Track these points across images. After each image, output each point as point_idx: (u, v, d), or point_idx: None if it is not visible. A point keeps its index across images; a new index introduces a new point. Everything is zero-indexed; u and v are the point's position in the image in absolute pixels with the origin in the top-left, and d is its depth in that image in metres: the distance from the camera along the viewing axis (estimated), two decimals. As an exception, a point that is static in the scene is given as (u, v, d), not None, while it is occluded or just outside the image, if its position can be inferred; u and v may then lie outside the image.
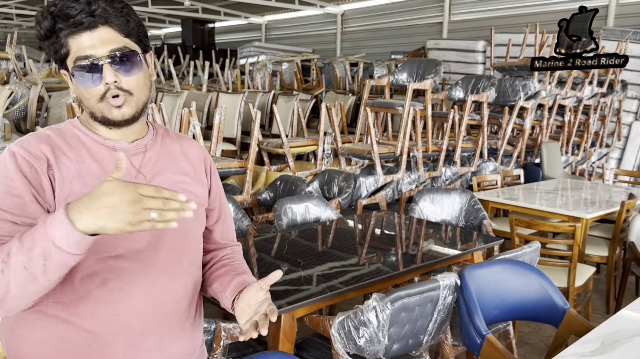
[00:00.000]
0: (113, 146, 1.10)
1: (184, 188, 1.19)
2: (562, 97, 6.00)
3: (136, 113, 1.09)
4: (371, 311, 1.78)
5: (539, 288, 2.12)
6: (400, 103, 4.63)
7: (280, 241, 2.70)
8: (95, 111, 1.06)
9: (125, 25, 1.05)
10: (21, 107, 5.02)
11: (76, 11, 1.00)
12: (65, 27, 1.01)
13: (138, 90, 1.07)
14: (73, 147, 1.07)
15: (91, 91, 1.04)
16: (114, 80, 1.03)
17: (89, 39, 1.02)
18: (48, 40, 1.04)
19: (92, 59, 1.02)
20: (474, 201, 3.43)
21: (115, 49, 1.03)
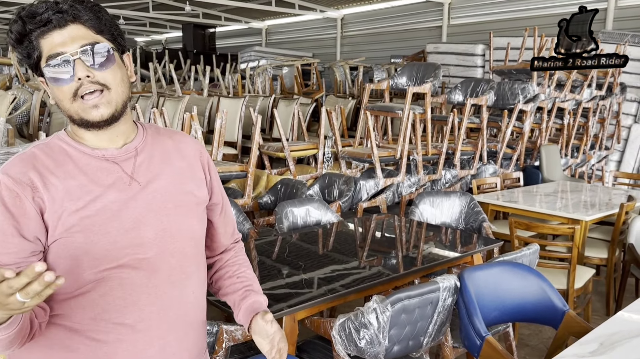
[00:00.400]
0: (102, 155, 1.07)
1: (182, 189, 1.15)
2: (561, 100, 6.03)
3: (115, 112, 1.03)
4: (372, 313, 1.80)
5: (538, 289, 2.14)
6: (400, 107, 4.65)
7: (281, 244, 2.72)
8: (71, 113, 1.02)
9: (96, 22, 1.02)
10: (24, 113, 5.05)
11: (43, 9, 0.98)
12: (35, 27, 0.98)
13: (115, 85, 1.02)
14: (60, 164, 1.03)
15: (63, 89, 1.00)
16: (86, 74, 0.99)
17: (58, 36, 0.99)
18: (21, 46, 1.01)
19: (63, 55, 0.98)
20: (474, 204, 3.45)
21: (86, 43, 1.00)
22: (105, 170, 1.05)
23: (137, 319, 1.07)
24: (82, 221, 1.00)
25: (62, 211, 1.00)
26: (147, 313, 1.08)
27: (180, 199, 1.13)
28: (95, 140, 1.07)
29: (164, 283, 1.10)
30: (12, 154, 2.99)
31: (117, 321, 1.06)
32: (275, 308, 1.90)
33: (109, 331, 1.05)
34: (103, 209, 1.02)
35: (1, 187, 0.99)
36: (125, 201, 1.05)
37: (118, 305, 1.05)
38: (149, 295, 1.08)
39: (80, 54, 0.99)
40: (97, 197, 1.02)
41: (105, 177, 1.05)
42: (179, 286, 1.13)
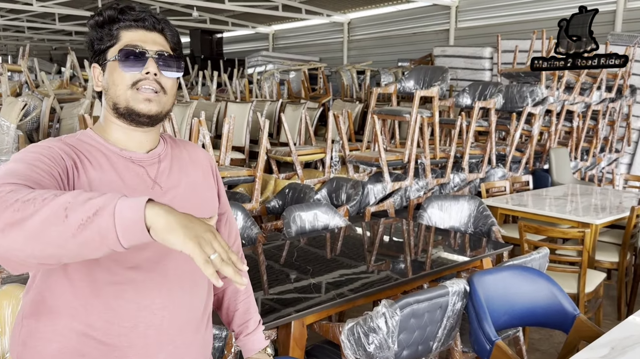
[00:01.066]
0: (130, 157, 1.11)
1: (199, 198, 1.20)
2: (570, 102, 5.99)
3: (160, 115, 1.10)
4: (380, 318, 1.79)
5: (548, 293, 2.12)
6: (407, 110, 4.65)
7: (289, 249, 2.72)
8: (120, 100, 1.07)
9: (175, 41, 1.15)
10: (34, 119, 5.10)
11: (141, 9, 1.10)
12: (126, 19, 1.08)
13: (170, 93, 1.11)
14: (93, 156, 1.07)
15: (126, 75, 1.06)
16: (154, 72, 1.07)
17: (143, 35, 1.09)
18: (100, 29, 1.09)
19: (142, 49, 1.07)
20: (483, 208, 3.43)
21: (164, 50, 1.10)
22: (132, 171, 1.10)
23: (149, 324, 1.08)
24: None
25: None
26: (159, 317, 1.09)
27: (196, 207, 1.15)
28: (124, 140, 1.11)
29: (176, 288, 1.12)
30: (22, 160, 3.01)
31: (129, 325, 1.06)
32: (284, 313, 1.90)
33: (120, 335, 1.06)
34: None
35: (51, 144, 1.03)
36: None
37: (131, 309, 1.06)
38: (161, 299, 1.09)
39: (157, 55, 1.08)
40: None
41: (131, 177, 1.09)
42: (190, 292, 1.15)
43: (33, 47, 18.91)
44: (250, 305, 1.43)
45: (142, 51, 1.07)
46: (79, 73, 7.80)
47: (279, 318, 1.87)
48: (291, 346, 1.94)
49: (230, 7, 10.90)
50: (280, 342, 1.98)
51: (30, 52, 7.72)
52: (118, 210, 0.78)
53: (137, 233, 0.79)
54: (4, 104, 3.85)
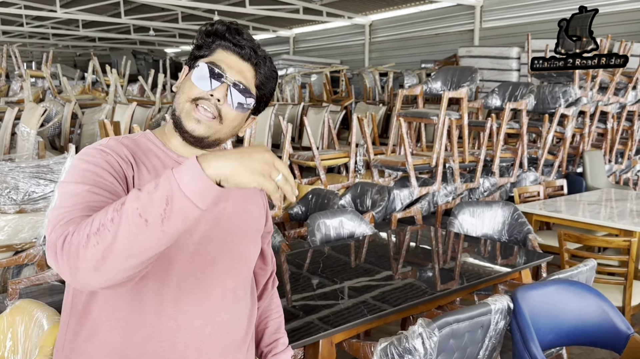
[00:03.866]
0: None
1: (246, 214, 1.17)
2: (604, 103, 5.74)
3: (207, 138, 1.06)
4: (417, 338, 1.65)
5: (598, 310, 1.95)
6: (434, 112, 4.48)
7: (315, 258, 2.59)
8: (178, 109, 1.06)
9: (265, 79, 1.11)
10: (56, 124, 5.09)
11: (245, 39, 1.08)
12: (228, 40, 1.08)
13: (227, 124, 1.07)
14: (149, 159, 1.06)
15: (193, 88, 1.04)
16: (218, 97, 1.04)
17: (233, 60, 1.07)
18: (205, 38, 1.09)
19: (222, 71, 1.05)
20: (518, 214, 3.26)
21: (243, 83, 1.07)
22: None
23: (188, 344, 1.04)
24: None
25: None
26: (199, 336, 1.05)
27: (244, 222, 1.15)
28: (180, 149, 1.10)
29: (218, 307, 1.08)
30: (42, 166, 2.96)
31: (167, 344, 1.03)
32: (311, 330, 1.77)
33: (158, 354, 1.02)
34: None
35: (104, 149, 1.02)
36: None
37: (171, 327, 1.03)
38: (202, 319, 1.06)
39: (232, 84, 1.05)
40: None
41: None
42: (232, 310, 1.12)
43: (57, 53, 19.25)
44: (281, 325, 1.39)
45: (220, 73, 1.05)
46: (101, 79, 7.83)
47: (305, 336, 1.74)
48: (319, 366, 1.80)
49: (251, 10, 10.86)
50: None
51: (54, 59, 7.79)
52: (185, 187, 0.78)
53: (212, 194, 0.81)
54: (25, 110, 3.83)
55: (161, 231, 0.79)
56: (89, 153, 1.01)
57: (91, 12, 12.20)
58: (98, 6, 11.74)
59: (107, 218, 0.79)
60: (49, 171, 2.78)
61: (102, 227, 0.79)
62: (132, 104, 4.32)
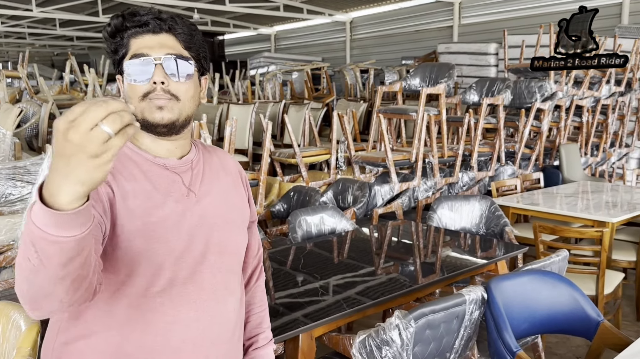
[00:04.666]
0: (163, 164, 1.08)
1: (231, 204, 1.18)
2: (579, 97, 5.86)
3: (177, 121, 1.04)
4: (394, 330, 1.68)
5: (569, 298, 2.01)
6: (413, 109, 4.53)
7: (296, 255, 2.62)
8: (137, 113, 1.03)
9: (188, 37, 1.07)
10: (33, 126, 5.02)
11: (144, 12, 1.05)
12: (131, 26, 1.04)
13: (185, 99, 1.05)
14: (125, 166, 1.04)
15: (136, 88, 1.02)
16: (161, 81, 1.01)
17: (149, 40, 1.04)
18: (113, 40, 1.06)
19: (147, 57, 1.02)
20: (495, 207, 3.32)
21: (172, 53, 1.04)
22: (167, 178, 1.07)
23: (183, 337, 1.06)
24: (146, 226, 1.01)
25: (125, 212, 1.00)
26: (193, 329, 1.08)
27: (228, 215, 1.16)
28: (153, 147, 1.08)
29: (210, 299, 1.10)
30: (19, 168, 2.93)
31: (163, 339, 1.05)
32: (291, 325, 1.80)
33: (154, 349, 1.04)
34: (165, 217, 1.04)
35: None
36: (183, 211, 1.06)
37: (166, 321, 1.04)
38: (195, 312, 1.08)
39: (164, 61, 1.02)
40: (160, 204, 1.04)
41: (166, 184, 1.07)
42: (224, 302, 1.14)
43: (35, 53, 18.93)
44: (263, 320, 1.40)
45: (147, 59, 1.02)
46: (79, 78, 7.73)
47: (286, 331, 1.77)
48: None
49: (232, 8, 10.81)
50: (288, 356, 1.88)
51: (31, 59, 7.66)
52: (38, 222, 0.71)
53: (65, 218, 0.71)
54: (0, 111, 3.78)
55: (46, 267, 0.75)
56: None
57: (68, 10, 12.02)
58: (75, 5, 11.58)
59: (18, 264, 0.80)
60: (26, 173, 2.76)
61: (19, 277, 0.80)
62: (111, 103, 4.29)
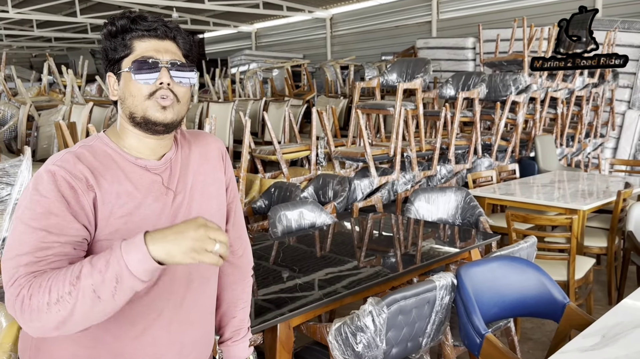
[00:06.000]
0: (144, 166, 1.13)
1: (208, 195, 1.23)
2: (553, 89, 5.99)
3: (175, 122, 1.11)
4: (367, 316, 1.75)
5: (537, 283, 2.09)
6: (391, 104, 4.61)
7: (275, 249, 2.67)
8: (137, 110, 1.09)
9: (187, 47, 1.16)
10: (11, 128, 4.99)
11: (153, 19, 1.11)
12: (138, 29, 1.09)
13: (183, 102, 1.13)
14: (108, 168, 1.09)
15: (142, 87, 1.08)
16: (168, 82, 1.08)
17: (155, 44, 1.10)
18: (114, 39, 1.10)
19: (155, 59, 1.08)
20: (470, 198, 3.40)
21: (176, 59, 1.11)
22: (148, 179, 1.12)
23: (160, 326, 1.13)
24: (127, 226, 1.06)
25: (110, 214, 1.06)
26: (168, 318, 1.14)
27: (203, 206, 1.21)
28: (137, 146, 1.13)
29: (185, 289, 1.17)
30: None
31: (141, 328, 1.11)
32: (269, 316, 1.85)
33: (133, 339, 1.10)
34: (146, 216, 1.09)
35: (57, 178, 1.03)
36: (162, 209, 1.13)
37: (142, 313, 1.10)
38: (169, 301, 1.14)
39: (170, 65, 1.09)
40: (140, 204, 1.09)
41: (147, 185, 1.12)
42: (199, 291, 1.20)
43: (12, 55, 18.63)
44: (247, 314, 1.45)
45: (155, 62, 1.08)
46: (58, 79, 7.67)
47: (264, 321, 1.82)
48: (278, 349, 1.89)
49: (211, 6, 10.79)
50: (266, 346, 1.94)
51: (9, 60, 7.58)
52: (132, 268, 0.89)
53: (156, 271, 0.92)
54: (-23, 114, 3.76)
55: (111, 303, 0.92)
56: (44, 187, 1.02)
57: (45, 11, 11.87)
58: (52, 5, 11.45)
59: (64, 291, 0.90)
60: (5, 174, 2.77)
61: (62, 299, 0.90)
62: (89, 104, 4.29)
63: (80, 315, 0.92)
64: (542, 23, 6.78)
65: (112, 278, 0.89)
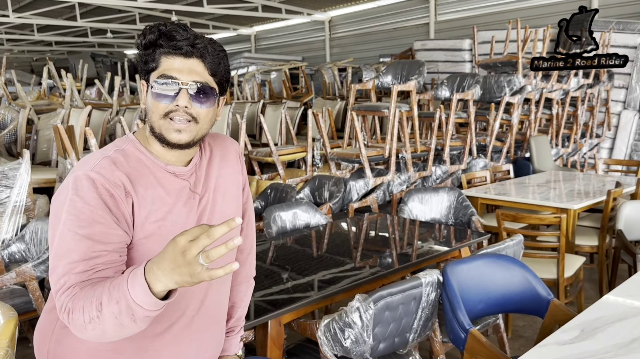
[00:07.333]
0: (174, 172, 1.17)
1: (229, 197, 1.27)
2: (548, 90, 6.04)
3: (192, 141, 1.14)
4: (355, 312, 1.80)
5: (522, 280, 2.14)
6: (385, 105, 4.66)
7: (269, 249, 2.72)
8: (155, 126, 1.12)
9: (215, 66, 1.14)
10: (11, 131, 5.06)
11: (181, 37, 1.09)
12: (166, 45, 1.10)
13: (203, 122, 1.13)
14: (142, 174, 1.13)
15: (159, 105, 1.10)
16: (184, 105, 1.09)
17: (180, 63, 1.10)
18: (145, 51, 1.12)
19: (175, 80, 1.09)
20: (462, 198, 3.45)
21: (198, 81, 1.11)
22: (177, 184, 1.17)
23: (182, 325, 1.18)
24: (160, 229, 1.12)
25: (145, 218, 1.11)
26: (190, 317, 1.20)
27: (224, 208, 1.25)
28: (164, 154, 1.17)
29: (206, 289, 1.22)
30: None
31: (164, 327, 1.15)
32: (261, 313, 1.90)
33: (155, 336, 1.15)
34: (176, 220, 1.15)
35: (97, 185, 1.06)
36: (189, 213, 1.18)
37: (167, 311, 1.14)
38: (194, 301, 1.20)
39: (190, 86, 1.10)
40: (172, 209, 1.15)
41: (176, 190, 1.17)
42: (217, 291, 1.26)
43: (13, 59, 18.72)
44: (244, 313, 1.51)
45: (175, 82, 1.09)
46: (58, 83, 7.74)
47: (255, 318, 1.87)
48: (269, 346, 1.94)
49: (210, 10, 10.85)
50: (258, 343, 1.98)
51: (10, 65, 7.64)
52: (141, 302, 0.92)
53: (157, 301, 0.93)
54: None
55: (136, 325, 0.96)
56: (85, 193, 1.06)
57: (46, 16, 11.95)
58: (53, 10, 11.53)
59: (93, 314, 0.95)
60: (4, 177, 2.83)
61: (93, 321, 0.96)
62: (87, 107, 4.35)
63: (113, 334, 0.97)
64: (538, 25, 6.83)
65: (127, 309, 0.92)
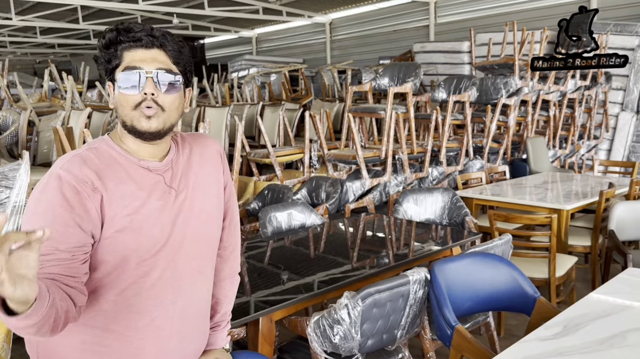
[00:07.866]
0: (147, 167, 1.20)
1: (206, 196, 1.29)
2: (545, 92, 6.07)
3: (162, 130, 1.16)
4: (343, 309, 1.84)
5: (509, 278, 2.18)
6: (382, 107, 4.71)
7: (263, 249, 2.77)
8: (126, 119, 1.15)
9: (176, 54, 1.18)
10: (13, 133, 5.12)
11: (138, 29, 1.15)
12: (125, 40, 1.14)
13: (170, 110, 1.17)
14: (113, 169, 1.16)
15: (129, 97, 1.13)
16: (152, 92, 1.13)
17: (142, 54, 1.14)
18: (107, 50, 1.16)
19: (140, 70, 1.13)
20: (456, 199, 3.49)
21: (161, 67, 1.15)
22: (151, 179, 1.19)
23: (164, 318, 1.21)
24: (132, 223, 1.14)
25: (115, 214, 1.13)
26: (171, 311, 1.22)
27: (203, 206, 1.28)
28: (137, 150, 1.20)
29: (186, 284, 1.24)
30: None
31: (147, 320, 1.18)
32: (252, 310, 1.94)
33: (138, 329, 1.18)
34: (149, 214, 1.17)
35: (63, 183, 1.09)
36: (164, 207, 1.20)
37: (149, 305, 1.18)
38: (173, 294, 1.22)
39: (154, 74, 1.13)
40: (144, 203, 1.16)
41: (150, 185, 1.19)
42: (198, 285, 1.29)
43: (16, 61, 18.86)
44: (229, 309, 1.53)
45: (140, 73, 1.12)
46: (59, 85, 7.81)
47: (247, 315, 1.91)
48: (260, 342, 1.98)
49: (211, 12, 10.92)
50: (249, 339, 2.03)
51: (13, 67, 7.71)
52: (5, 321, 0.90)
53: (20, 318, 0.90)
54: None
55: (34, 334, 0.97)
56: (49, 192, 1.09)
57: (48, 18, 12.05)
58: (55, 12, 11.62)
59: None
60: (4, 178, 2.87)
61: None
62: (87, 109, 4.41)
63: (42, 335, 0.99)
64: (534, 27, 6.87)
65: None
